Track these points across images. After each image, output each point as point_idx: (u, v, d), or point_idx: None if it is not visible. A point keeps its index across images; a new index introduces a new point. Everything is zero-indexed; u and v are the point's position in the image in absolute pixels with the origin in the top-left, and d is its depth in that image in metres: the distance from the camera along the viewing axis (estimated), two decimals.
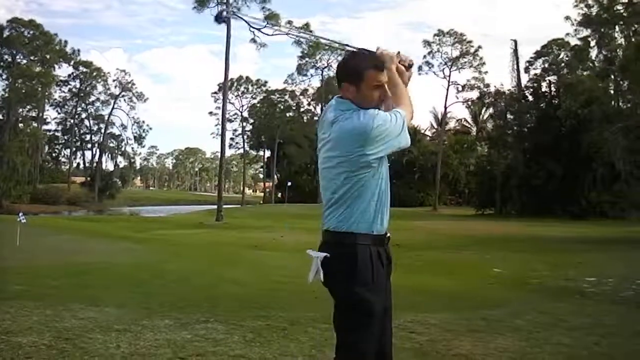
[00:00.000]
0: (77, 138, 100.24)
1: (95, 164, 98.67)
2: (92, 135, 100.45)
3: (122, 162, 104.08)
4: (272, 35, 60.86)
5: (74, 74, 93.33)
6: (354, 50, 3.94)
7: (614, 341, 7.78)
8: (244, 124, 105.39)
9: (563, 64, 65.80)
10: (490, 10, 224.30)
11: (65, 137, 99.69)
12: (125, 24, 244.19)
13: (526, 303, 10.98)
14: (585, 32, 45.10)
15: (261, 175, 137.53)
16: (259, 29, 59.12)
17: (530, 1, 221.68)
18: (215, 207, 53.41)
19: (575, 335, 8.02)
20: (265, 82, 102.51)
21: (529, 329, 8.34)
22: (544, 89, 66.08)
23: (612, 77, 49.37)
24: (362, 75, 3.66)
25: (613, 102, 52.38)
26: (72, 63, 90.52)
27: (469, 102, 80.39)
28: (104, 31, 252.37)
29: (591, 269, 17.37)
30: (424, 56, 76.79)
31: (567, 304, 11.09)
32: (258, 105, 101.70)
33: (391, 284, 3.83)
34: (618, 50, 44.15)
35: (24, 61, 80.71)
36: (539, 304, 10.86)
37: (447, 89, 77.62)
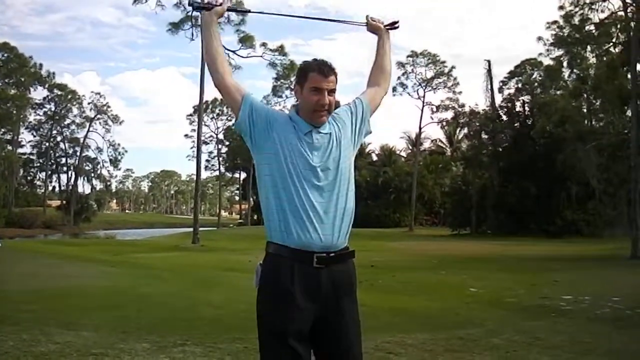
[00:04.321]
0: (52, 161, 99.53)
1: (70, 187, 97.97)
2: (68, 158, 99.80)
3: (97, 185, 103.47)
4: (247, 57, 61.07)
5: (49, 97, 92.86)
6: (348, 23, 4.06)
7: (590, 359, 7.85)
8: (220, 146, 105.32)
9: (536, 84, 66.34)
10: (460, 31, 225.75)
11: (41, 161, 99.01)
12: (97, 47, 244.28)
13: (503, 322, 11.04)
14: (558, 52, 45.41)
15: (237, 198, 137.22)
16: (233, 51, 59.33)
17: (500, 22, 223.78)
18: (192, 229, 53.23)
19: (552, 353, 8.09)
20: None
21: (506, 348, 8.40)
22: (518, 109, 66.65)
23: (585, 96, 49.77)
24: (307, 75, 3.64)
25: (586, 121, 52.81)
26: (47, 86, 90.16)
27: (444, 123, 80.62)
28: (76, 54, 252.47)
29: (567, 287, 17.48)
30: (398, 77, 77.01)
31: (543, 322, 11.15)
32: (233, 127, 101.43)
33: (344, 314, 3.61)
34: (590, 69, 44.50)
35: None
36: (516, 323, 10.91)
37: (422, 110, 77.78)
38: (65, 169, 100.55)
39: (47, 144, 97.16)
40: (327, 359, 3.67)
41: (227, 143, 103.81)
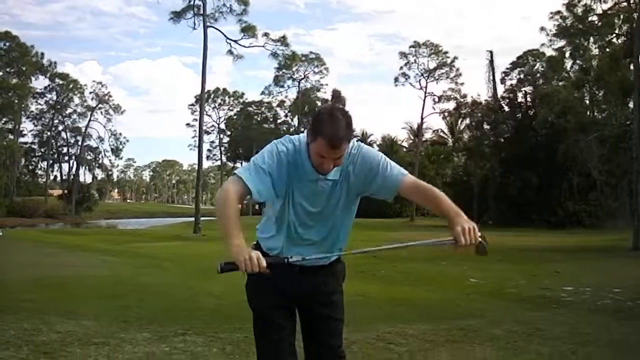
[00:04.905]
0: (54, 150, 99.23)
1: (72, 177, 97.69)
2: (69, 148, 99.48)
3: (99, 174, 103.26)
4: (249, 47, 60.89)
5: (51, 86, 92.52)
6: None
7: (591, 350, 7.85)
8: (221, 135, 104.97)
9: (538, 75, 66.27)
10: (462, 22, 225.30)
11: (42, 150, 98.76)
12: (98, 36, 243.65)
13: (504, 313, 11.01)
14: (560, 43, 45.31)
15: None
16: (235, 41, 59.17)
17: (503, 13, 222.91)
18: (193, 219, 53.24)
19: (552, 344, 8.07)
20: (242, 94, 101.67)
21: (506, 339, 8.38)
22: (520, 100, 66.57)
23: (587, 87, 49.75)
24: (316, 137, 3.46)
25: (588, 112, 52.81)
26: (48, 75, 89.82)
27: (446, 113, 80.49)
28: (77, 43, 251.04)
29: (568, 278, 17.44)
30: (401, 67, 77.03)
31: (544, 313, 11.13)
32: (235, 117, 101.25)
33: (328, 305, 3.83)
34: (592, 60, 44.47)
35: (0, 73, 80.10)
36: (517, 314, 10.89)
37: (424, 100, 77.69)
38: (66, 158, 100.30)
39: (49, 134, 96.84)
40: (312, 348, 3.84)
41: (228, 133, 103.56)
